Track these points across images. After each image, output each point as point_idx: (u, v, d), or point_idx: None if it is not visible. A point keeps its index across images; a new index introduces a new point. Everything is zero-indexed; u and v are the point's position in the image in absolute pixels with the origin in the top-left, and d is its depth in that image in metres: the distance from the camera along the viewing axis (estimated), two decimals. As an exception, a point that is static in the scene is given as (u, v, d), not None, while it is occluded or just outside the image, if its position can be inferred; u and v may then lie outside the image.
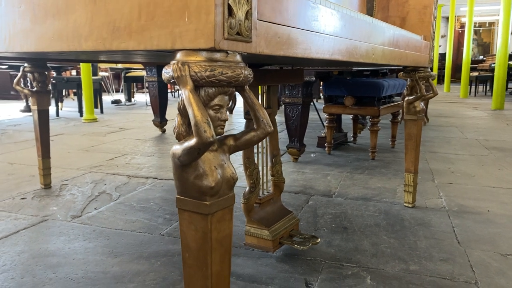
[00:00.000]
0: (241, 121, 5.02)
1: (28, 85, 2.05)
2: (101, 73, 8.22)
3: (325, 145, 3.13)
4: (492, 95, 7.01)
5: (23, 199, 2.03)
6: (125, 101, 7.56)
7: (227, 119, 0.61)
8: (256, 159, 1.42)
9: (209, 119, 0.55)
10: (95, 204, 1.96)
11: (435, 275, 1.30)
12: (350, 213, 1.86)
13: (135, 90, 9.40)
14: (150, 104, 4.37)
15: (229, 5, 0.56)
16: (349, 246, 1.52)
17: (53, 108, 5.74)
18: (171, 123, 4.22)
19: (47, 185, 2.20)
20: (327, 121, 3.05)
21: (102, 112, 5.98)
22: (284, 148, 2.96)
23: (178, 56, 0.58)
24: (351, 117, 3.60)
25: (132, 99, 7.91)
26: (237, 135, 0.68)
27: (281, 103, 2.96)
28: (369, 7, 1.72)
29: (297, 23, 0.73)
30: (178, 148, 0.59)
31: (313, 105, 4.15)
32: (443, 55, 14.05)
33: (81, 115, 5.42)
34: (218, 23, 0.54)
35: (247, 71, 0.60)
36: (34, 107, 2.09)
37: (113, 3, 0.62)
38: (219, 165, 0.62)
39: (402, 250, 1.48)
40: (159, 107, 4.04)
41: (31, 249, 1.48)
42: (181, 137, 0.61)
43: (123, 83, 7.72)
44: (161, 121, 4.07)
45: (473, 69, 10.57)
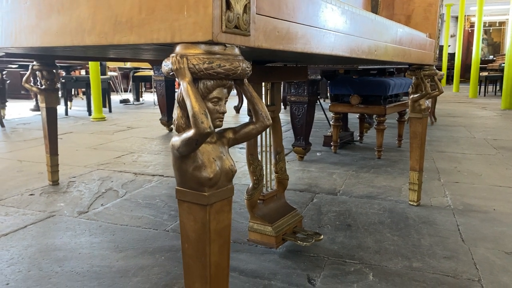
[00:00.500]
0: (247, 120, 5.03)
1: (38, 84, 2.09)
2: (109, 73, 8.29)
3: (331, 144, 3.13)
4: (501, 95, 6.94)
5: (31, 195, 2.06)
6: (133, 101, 7.62)
7: (225, 112, 0.62)
8: (260, 156, 1.43)
9: (206, 110, 0.56)
10: (102, 200, 1.98)
11: (438, 272, 1.30)
12: (354, 211, 1.86)
13: (143, 89, 9.47)
14: (157, 103, 4.39)
15: (227, -1, 0.57)
16: (352, 243, 1.52)
17: (62, 107, 5.80)
18: (178, 122, 4.24)
19: (55, 182, 2.23)
20: (333, 120, 3.05)
21: (110, 111, 6.03)
22: (290, 146, 2.96)
23: (177, 49, 0.59)
24: (357, 116, 3.59)
25: (140, 99, 7.97)
26: (236, 128, 0.69)
27: (288, 102, 2.96)
28: (374, 5, 1.72)
29: (296, 18, 0.74)
30: (177, 139, 0.60)
31: (319, 104, 4.15)
32: (452, 55, 13.92)
33: (90, 114, 5.47)
34: (216, 16, 0.55)
35: (245, 64, 0.61)
36: (42, 105, 2.12)
37: (115, -3, 0.64)
38: (218, 157, 0.63)
39: (405, 247, 1.48)
40: (166, 106, 4.06)
41: (38, 244, 1.50)
42: (181, 129, 0.62)
43: (131, 82, 7.78)
44: (168, 120, 4.10)
45: (482, 69, 10.48)
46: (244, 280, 1.26)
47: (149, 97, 8.73)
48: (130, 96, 8.20)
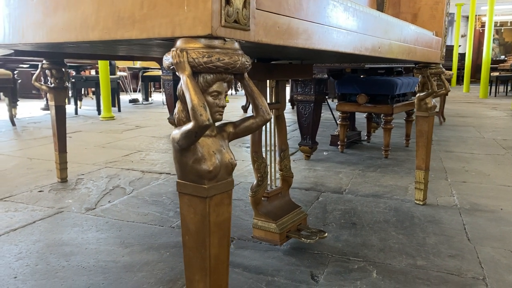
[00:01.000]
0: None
1: (48, 82, 2.12)
2: (119, 73, 8.35)
3: (338, 143, 3.13)
4: (512, 95, 6.86)
5: (40, 192, 2.09)
6: (142, 100, 7.67)
7: (225, 106, 0.63)
8: (264, 154, 1.44)
9: (205, 103, 0.57)
10: (109, 197, 2.01)
11: (442, 271, 1.30)
12: (359, 209, 1.86)
13: (152, 89, 9.53)
14: (166, 103, 4.42)
15: (227, -6, 0.58)
16: (357, 241, 1.52)
17: (72, 106, 5.87)
18: (186, 121, 4.26)
19: (64, 179, 2.26)
20: (340, 119, 3.05)
21: (119, 110, 6.09)
22: (296, 146, 2.96)
23: (178, 43, 0.60)
24: (365, 115, 3.58)
25: (149, 98, 8.02)
26: (237, 122, 0.70)
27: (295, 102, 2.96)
28: (379, 3, 1.72)
29: (297, 14, 0.74)
30: (177, 132, 0.61)
31: (327, 104, 4.14)
32: (463, 55, 13.80)
33: (99, 113, 5.52)
34: (215, 11, 0.56)
35: (244, 58, 0.61)
36: (51, 103, 2.15)
37: (118, -7, 0.65)
38: (218, 150, 0.64)
39: (410, 245, 1.48)
40: (174, 105, 4.07)
41: (46, 239, 1.52)
42: (181, 123, 0.63)
43: (140, 82, 7.84)
44: (176, 119, 4.11)
45: (493, 69, 10.36)
46: (247, 276, 1.26)
47: (158, 97, 8.78)
48: (139, 96, 8.26)
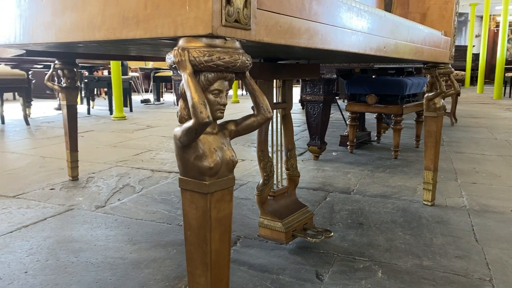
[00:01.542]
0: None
1: (60, 82, 2.17)
2: (131, 73, 8.44)
3: (347, 143, 3.12)
4: (527, 96, 6.76)
5: (52, 189, 2.13)
6: (154, 101, 7.74)
7: (226, 104, 0.64)
8: (271, 153, 1.45)
9: (205, 101, 0.58)
10: (119, 195, 2.03)
11: (448, 271, 1.29)
12: (367, 209, 1.86)
13: (164, 90, 9.60)
14: (177, 103, 4.45)
15: (227, -6, 0.59)
16: (363, 241, 1.52)
17: (85, 106, 5.96)
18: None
19: (75, 177, 2.30)
20: (349, 120, 3.04)
21: (131, 110, 6.15)
22: (305, 146, 2.96)
23: (180, 42, 0.62)
24: (375, 116, 3.56)
25: (161, 99, 8.09)
26: (238, 121, 0.71)
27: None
28: (387, 3, 1.72)
29: (299, 13, 0.75)
30: (178, 130, 0.63)
31: (336, 104, 4.13)
32: (477, 55, 13.61)
33: (111, 113, 5.59)
34: (215, 11, 0.58)
35: (244, 57, 0.62)
36: (63, 102, 2.19)
37: (123, -6, 0.67)
38: (219, 147, 0.65)
39: (416, 246, 1.47)
40: (185, 105, 4.11)
41: (57, 235, 1.55)
42: (183, 121, 0.65)
43: (152, 83, 7.91)
44: (186, 119, 4.14)
45: (508, 70, 10.20)
46: (252, 274, 1.27)
47: (170, 97, 8.85)
48: (151, 96, 8.33)
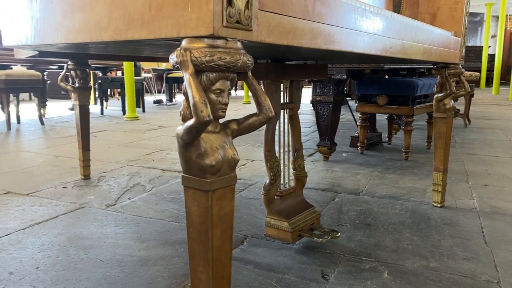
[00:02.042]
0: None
1: (74, 83, 2.21)
2: (144, 74, 8.53)
3: (358, 144, 3.11)
4: (543, 97, 6.63)
5: (64, 188, 2.17)
6: (166, 101, 7.81)
7: (227, 103, 0.65)
8: (278, 153, 1.46)
9: (206, 100, 0.60)
10: (129, 194, 2.06)
11: (455, 273, 1.28)
12: (375, 210, 1.85)
13: (176, 90, 9.68)
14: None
15: (229, -5, 0.60)
16: (370, 241, 1.52)
17: (98, 107, 6.04)
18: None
19: (87, 176, 2.34)
20: (360, 120, 3.03)
21: (144, 111, 6.22)
22: (315, 146, 2.96)
23: (182, 43, 0.63)
24: (386, 117, 3.54)
25: (173, 99, 8.15)
26: (240, 120, 0.72)
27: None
28: (396, 3, 1.71)
29: (302, 14, 0.76)
30: (180, 128, 0.64)
31: (347, 105, 4.12)
32: (492, 56, 13.40)
33: (124, 114, 5.66)
34: (217, 12, 0.59)
35: (246, 57, 0.64)
36: (76, 102, 2.23)
37: (129, -4, 0.68)
38: (221, 146, 0.67)
39: (424, 247, 1.47)
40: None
41: (68, 232, 1.59)
42: (186, 119, 0.66)
43: (164, 83, 7.98)
44: (197, 119, 4.17)
45: (524, 71, 10.02)
46: (258, 273, 1.28)
47: (182, 98, 8.90)
48: (163, 97, 8.41)
